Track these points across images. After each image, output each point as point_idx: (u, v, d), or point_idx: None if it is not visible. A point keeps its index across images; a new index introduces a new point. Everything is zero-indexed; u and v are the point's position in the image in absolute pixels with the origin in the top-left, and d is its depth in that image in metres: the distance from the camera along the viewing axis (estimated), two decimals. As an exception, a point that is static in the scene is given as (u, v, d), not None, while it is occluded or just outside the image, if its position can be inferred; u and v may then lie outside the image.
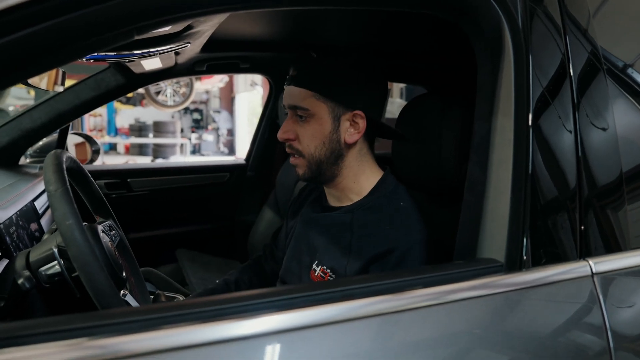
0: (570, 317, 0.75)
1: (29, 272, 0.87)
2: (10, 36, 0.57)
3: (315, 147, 1.10)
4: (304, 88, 1.09)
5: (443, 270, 0.75)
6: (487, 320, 0.71)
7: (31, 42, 0.58)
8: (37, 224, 1.46)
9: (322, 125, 1.09)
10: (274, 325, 0.62)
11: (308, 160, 1.11)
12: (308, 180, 1.15)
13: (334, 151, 1.11)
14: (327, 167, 1.12)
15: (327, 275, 1.08)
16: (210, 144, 11.90)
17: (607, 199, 0.83)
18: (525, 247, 0.76)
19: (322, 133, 1.09)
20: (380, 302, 0.67)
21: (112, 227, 1.12)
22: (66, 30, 0.60)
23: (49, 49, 0.61)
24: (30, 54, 0.60)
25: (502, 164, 0.81)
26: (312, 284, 1.05)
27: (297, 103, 1.09)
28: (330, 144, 1.10)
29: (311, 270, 1.12)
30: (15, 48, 0.58)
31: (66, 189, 0.83)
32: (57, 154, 0.91)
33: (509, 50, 0.84)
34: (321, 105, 1.08)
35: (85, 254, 0.79)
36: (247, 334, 0.60)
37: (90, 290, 0.80)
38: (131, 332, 0.57)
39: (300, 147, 1.11)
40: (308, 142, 1.10)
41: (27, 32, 0.57)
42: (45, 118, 1.83)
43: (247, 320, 0.61)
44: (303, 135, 1.10)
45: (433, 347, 0.66)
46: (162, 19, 0.69)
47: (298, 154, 1.12)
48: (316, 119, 1.09)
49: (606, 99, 0.87)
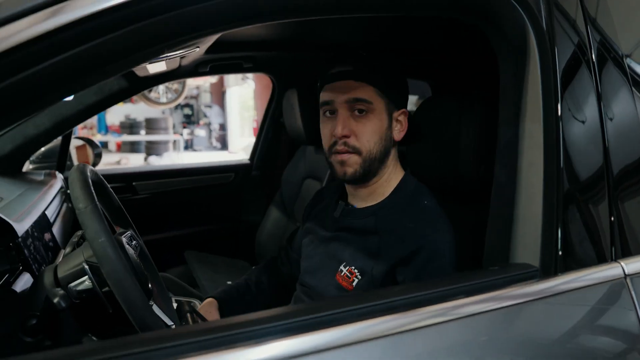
0: (606, 319, 0.76)
1: (62, 290, 0.87)
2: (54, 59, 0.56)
3: (375, 144, 1.09)
4: (365, 82, 1.08)
5: (479, 277, 0.75)
6: (527, 328, 0.71)
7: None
8: (50, 233, 1.44)
9: (381, 121, 1.10)
10: (287, 350, 0.60)
11: (364, 157, 1.09)
12: (356, 179, 1.11)
13: (386, 148, 1.11)
14: (377, 166, 1.11)
15: (353, 275, 1.08)
16: (203, 139, 11.83)
17: (635, 197, 0.84)
18: (559, 250, 0.77)
19: (381, 129, 1.10)
20: (413, 315, 0.66)
21: (132, 237, 1.11)
22: (108, 52, 0.60)
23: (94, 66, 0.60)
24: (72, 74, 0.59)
25: (532, 168, 0.81)
26: (329, 302, 1.04)
27: (361, 96, 1.07)
28: (385, 141, 1.11)
29: (337, 272, 1.12)
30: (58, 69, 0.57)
31: (95, 206, 0.83)
32: (82, 169, 0.90)
33: (534, 54, 0.84)
34: (381, 101, 1.09)
35: (119, 271, 0.79)
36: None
37: (125, 305, 0.80)
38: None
39: (357, 144, 1.08)
40: (368, 137, 1.08)
41: (69, 54, 0.57)
42: (49, 124, 1.80)
43: (258, 346, 0.60)
44: (362, 130, 1.08)
45: (478, 358, 0.67)
46: (193, 35, 0.69)
47: (354, 150, 1.08)
48: (376, 114, 1.09)
49: (630, 97, 0.88)
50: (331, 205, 1.25)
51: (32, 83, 0.57)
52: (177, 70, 1.95)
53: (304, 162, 2.18)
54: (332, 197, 1.29)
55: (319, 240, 1.22)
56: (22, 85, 0.56)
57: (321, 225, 1.24)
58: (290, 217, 2.22)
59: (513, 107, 0.87)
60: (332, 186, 1.36)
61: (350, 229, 1.15)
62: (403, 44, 1.91)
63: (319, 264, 1.19)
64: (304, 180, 2.15)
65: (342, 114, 1.08)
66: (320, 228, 1.24)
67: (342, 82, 1.09)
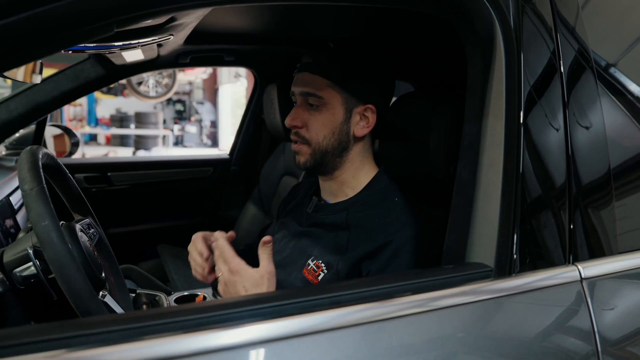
0: (560, 322, 0.74)
1: (2, 274, 0.84)
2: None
3: (324, 137, 1.09)
4: (320, 76, 1.07)
5: (432, 275, 0.73)
6: (477, 327, 0.69)
7: (8, 34, 0.55)
8: (12, 220, 1.41)
9: (334, 115, 1.08)
10: (260, 335, 0.60)
11: (313, 148, 1.09)
12: (308, 169, 1.13)
13: (341, 143, 1.10)
14: (331, 159, 1.11)
15: (320, 268, 1.06)
16: (193, 135, 11.77)
17: (595, 203, 0.83)
18: (514, 251, 0.75)
19: (333, 123, 1.08)
20: (368, 309, 0.65)
21: (90, 225, 1.09)
22: (45, 22, 0.57)
23: (27, 40, 0.57)
24: (7, 46, 0.56)
25: (492, 166, 0.80)
26: (298, 290, 1.03)
27: (311, 90, 1.08)
28: (339, 135, 1.09)
29: (305, 266, 1.10)
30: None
31: (42, 188, 0.80)
32: (33, 150, 0.87)
33: (500, 51, 0.83)
34: (335, 95, 1.08)
35: (62, 256, 0.76)
36: (231, 343, 0.58)
37: (68, 293, 0.77)
38: (111, 343, 0.54)
39: (307, 135, 1.09)
40: (317, 130, 1.09)
41: (3, 22, 0.54)
42: (22, 109, 1.76)
43: (232, 329, 0.59)
44: (312, 123, 1.09)
45: (423, 354, 0.65)
46: (143, 13, 0.66)
47: (303, 141, 1.10)
48: (329, 108, 1.08)
49: (595, 97, 0.86)
50: (305, 201, 1.25)
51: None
52: (156, 60, 1.92)
53: (283, 158, 2.16)
54: (306, 192, 1.28)
55: (291, 236, 1.21)
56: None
57: (294, 220, 1.24)
58: (268, 213, 2.20)
59: (479, 104, 0.85)
60: (307, 182, 1.35)
61: (322, 224, 1.14)
62: (383, 42, 1.89)
63: (288, 258, 1.18)
64: (282, 177, 2.13)
65: (298, 105, 1.11)
66: (294, 223, 1.23)
67: (301, 74, 1.11)
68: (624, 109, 0.91)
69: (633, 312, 0.80)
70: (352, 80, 1.08)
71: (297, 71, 1.12)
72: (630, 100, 0.91)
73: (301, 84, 1.10)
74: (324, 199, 1.19)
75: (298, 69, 1.12)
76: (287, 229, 1.25)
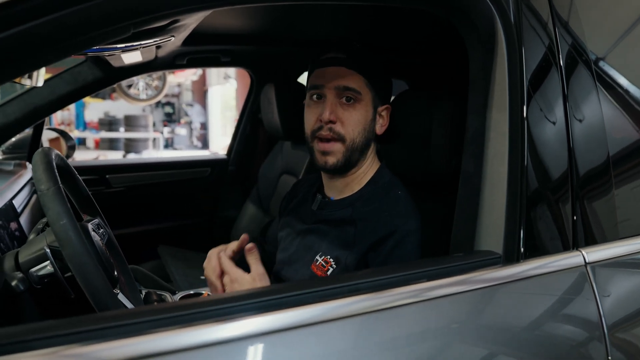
0: (566, 303, 0.77)
1: (22, 274, 0.85)
2: (8, 31, 0.55)
3: (358, 133, 1.09)
4: (357, 72, 1.08)
5: (444, 263, 0.76)
6: (489, 312, 0.72)
7: (30, 36, 0.57)
8: (16, 223, 1.41)
9: (366, 112, 1.10)
10: (257, 327, 0.61)
11: (347, 146, 1.08)
12: (338, 169, 1.11)
13: (368, 140, 1.12)
14: (356, 156, 1.11)
15: (329, 264, 1.08)
16: (183, 137, 11.71)
17: (597, 189, 0.86)
18: (522, 238, 0.78)
19: (366, 120, 1.10)
20: (381, 297, 0.67)
21: (100, 225, 1.10)
22: (65, 25, 0.59)
23: (47, 43, 0.59)
24: (28, 49, 0.58)
25: (497, 157, 0.82)
26: (299, 283, 1.04)
27: (351, 85, 1.07)
28: (368, 133, 1.11)
29: (313, 262, 1.11)
30: (13, 43, 0.56)
31: (58, 188, 0.81)
32: (46, 152, 0.88)
33: (502, 46, 0.85)
34: (368, 93, 1.10)
35: (81, 254, 0.77)
36: (229, 337, 0.59)
37: (87, 290, 0.78)
38: (125, 336, 0.56)
39: (342, 131, 1.07)
40: (353, 126, 1.08)
41: (25, 26, 0.55)
42: (19, 113, 1.76)
43: (229, 323, 0.60)
44: (348, 118, 1.08)
45: (440, 338, 0.67)
46: (164, 13, 0.68)
47: (339, 137, 1.08)
48: (363, 104, 1.09)
49: (592, 89, 0.89)
50: (308, 198, 1.25)
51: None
52: (153, 62, 1.93)
53: (281, 157, 2.18)
54: (309, 190, 1.29)
55: (296, 233, 1.22)
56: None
57: (299, 218, 1.24)
58: (267, 213, 2.21)
59: (481, 97, 0.88)
60: (309, 178, 1.36)
61: (328, 220, 1.15)
62: (382, 43, 1.92)
63: (295, 255, 1.19)
64: (281, 176, 2.15)
65: (330, 100, 1.08)
66: (298, 221, 1.24)
67: (333, 67, 1.09)
68: (620, 100, 0.94)
69: (635, 294, 0.84)
70: (379, 80, 1.12)
71: (323, 64, 1.10)
72: (627, 91, 0.95)
73: (336, 77, 1.07)
74: (328, 195, 1.20)
75: (327, 62, 1.10)
76: (292, 227, 1.26)
